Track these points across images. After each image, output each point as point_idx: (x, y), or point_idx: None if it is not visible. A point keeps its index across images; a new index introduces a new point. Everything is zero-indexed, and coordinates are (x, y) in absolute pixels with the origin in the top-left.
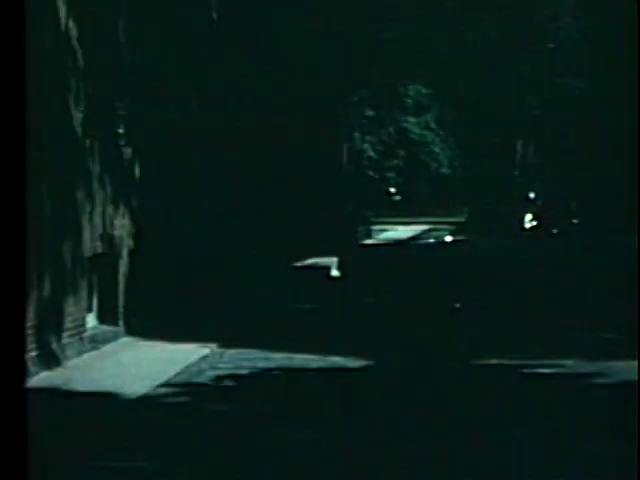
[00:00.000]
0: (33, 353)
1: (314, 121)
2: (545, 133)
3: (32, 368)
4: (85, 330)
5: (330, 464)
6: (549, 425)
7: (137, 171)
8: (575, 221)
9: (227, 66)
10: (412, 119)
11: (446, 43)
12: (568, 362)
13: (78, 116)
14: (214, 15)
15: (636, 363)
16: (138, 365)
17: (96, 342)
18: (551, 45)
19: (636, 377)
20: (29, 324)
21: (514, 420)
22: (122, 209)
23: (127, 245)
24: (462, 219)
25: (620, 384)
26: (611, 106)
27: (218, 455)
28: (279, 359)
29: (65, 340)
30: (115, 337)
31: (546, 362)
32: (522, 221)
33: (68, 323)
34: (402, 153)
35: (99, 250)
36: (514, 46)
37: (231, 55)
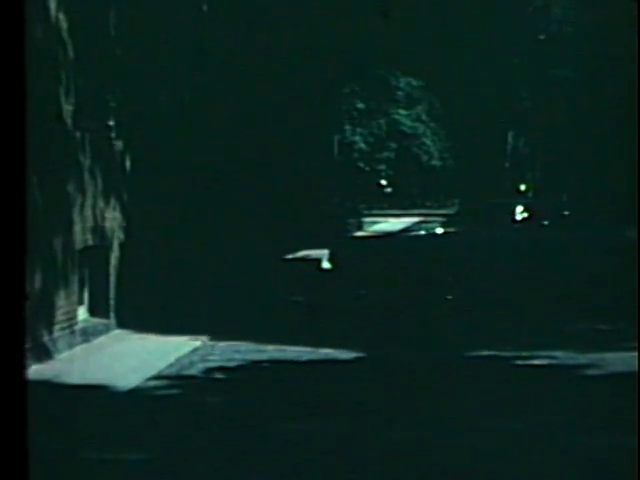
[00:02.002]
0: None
1: (305, 113)
2: (536, 125)
3: None
4: (76, 323)
5: (322, 455)
6: (541, 416)
7: (128, 163)
8: (566, 213)
9: (218, 58)
10: (403, 111)
11: (437, 35)
12: (560, 353)
13: (69, 108)
14: (204, 7)
15: (628, 354)
16: (129, 358)
17: (87, 335)
18: (542, 37)
19: (628, 368)
20: None
21: (506, 411)
22: (113, 202)
23: (118, 238)
24: (453, 211)
25: (612, 375)
26: (602, 97)
27: (209, 447)
28: (270, 351)
29: (56, 333)
30: (106, 330)
31: (538, 353)
32: (513, 213)
33: (59, 316)
34: (393, 145)
35: (90, 243)
36: (504, 38)
37: (221, 48)
